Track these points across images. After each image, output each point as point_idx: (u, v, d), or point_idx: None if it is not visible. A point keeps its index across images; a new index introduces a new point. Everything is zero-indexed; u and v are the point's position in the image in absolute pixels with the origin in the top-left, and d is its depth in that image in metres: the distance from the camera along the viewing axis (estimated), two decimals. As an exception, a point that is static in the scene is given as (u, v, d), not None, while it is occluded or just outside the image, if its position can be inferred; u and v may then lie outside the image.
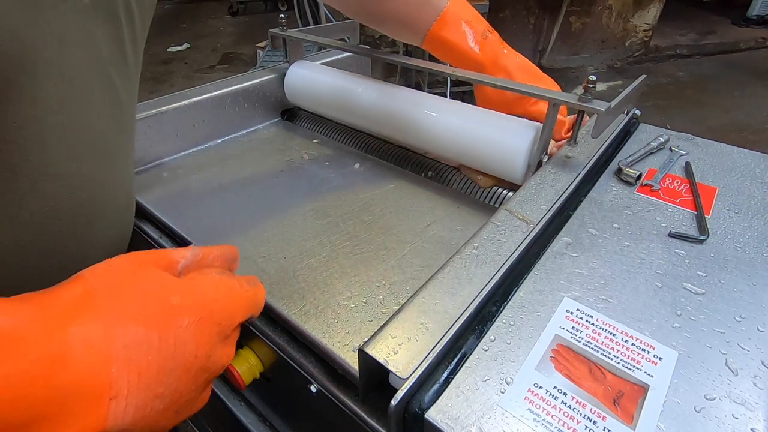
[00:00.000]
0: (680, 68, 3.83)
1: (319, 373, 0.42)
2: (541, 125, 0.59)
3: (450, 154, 0.66)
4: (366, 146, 0.77)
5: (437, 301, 0.35)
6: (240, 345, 0.57)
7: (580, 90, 0.55)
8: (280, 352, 0.45)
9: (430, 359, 0.31)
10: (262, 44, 3.71)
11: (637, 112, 0.68)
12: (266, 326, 0.47)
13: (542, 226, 0.44)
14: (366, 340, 0.32)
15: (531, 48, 3.67)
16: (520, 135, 0.58)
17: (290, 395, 0.52)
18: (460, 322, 0.33)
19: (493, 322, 0.35)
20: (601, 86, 3.59)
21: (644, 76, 0.67)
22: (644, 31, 3.77)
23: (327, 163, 0.72)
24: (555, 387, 0.30)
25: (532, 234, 0.42)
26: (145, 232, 0.62)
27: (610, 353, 0.33)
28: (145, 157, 0.71)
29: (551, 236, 0.44)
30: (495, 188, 0.64)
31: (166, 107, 0.71)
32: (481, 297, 0.35)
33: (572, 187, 0.50)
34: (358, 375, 0.36)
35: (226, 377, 0.64)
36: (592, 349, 0.33)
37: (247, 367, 0.51)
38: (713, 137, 0.62)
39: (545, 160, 0.58)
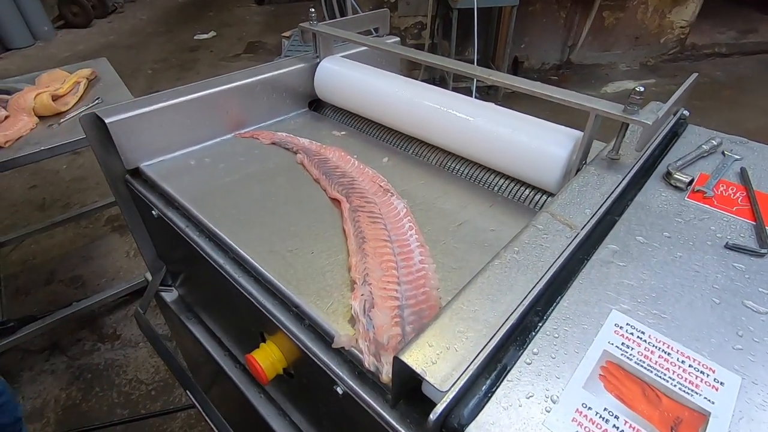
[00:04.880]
0: (718, 68, 3.66)
1: (346, 375, 0.41)
2: (580, 134, 0.56)
3: (484, 158, 0.63)
4: (395, 140, 0.75)
5: (477, 309, 0.33)
6: (263, 338, 0.56)
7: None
8: (306, 351, 0.44)
9: (471, 371, 0.29)
10: (287, 33, 3.69)
11: (686, 112, 0.64)
12: (292, 323, 0.46)
13: (587, 232, 0.41)
14: (402, 347, 0.31)
15: (560, 43, 3.56)
16: (560, 143, 0.55)
17: (314, 394, 0.51)
18: (502, 332, 0.31)
19: (536, 334, 0.33)
20: (632, 85, 3.47)
21: (695, 74, 0.63)
22: (681, 27, 3.62)
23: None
24: (605, 408, 0.28)
25: (577, 240, 0.40)
26: (172, 220, 0.62)
27: (665, 374, 0.30)
28: (173, 144, 0.71)
29: (596, 243, 0.42)
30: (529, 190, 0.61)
31: (196, 94, 0.70)
32: (524, 306, 0.33)
33: (618, 190, 0.47)
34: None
35: (249, 370, 0.63)
36: (645, 368, 0.31)
37: (271, 362, 0.50)
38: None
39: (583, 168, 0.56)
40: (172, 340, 1.48)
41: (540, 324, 0.34)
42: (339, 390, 0.41)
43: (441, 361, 0.29)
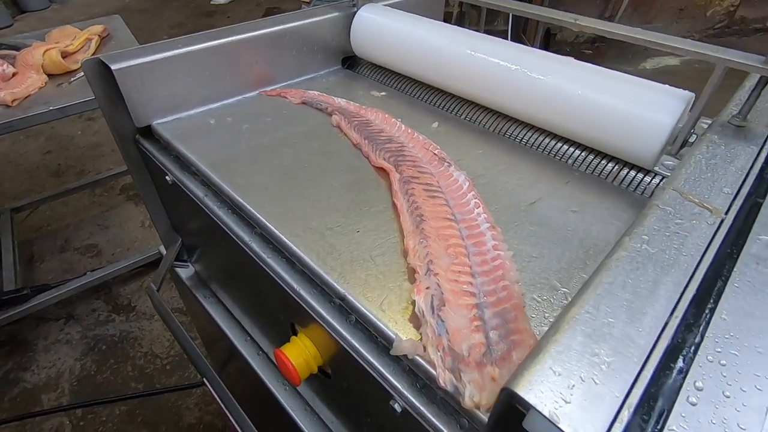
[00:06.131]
0: (768, 44, 3.40)
1: (406, 389, 0.32)
2: (692, 95, 0.45)
3: (560, 125, 0.52)
4: (444, 102, 0.64)
5: (611, 320, 0.24)
6: (293, 330, 0.48)
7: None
8: (353, 354, 0.35)
9: (626, 418, 0.19)
10: (307, -1, 3.53)
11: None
12: (335, 318, 0.37)
13: (733, 218, 0.31)
14: (512, 375, 0.21)
15: (597, 15, 3.32)
16: (664, 107, 0.44)
17: (358, 403, 0.42)
18: (656, 358, 0.22)
19: (694, 359, 0.24)
20: (674, 60, 3.24)
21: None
22: (731, -1, 3.34)
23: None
24: (831, 484, 0.19)
25: (724, 228, 0.30)
26: (188, 187, 0.53)
27: None
28: (190, 100, 0.61)
29: (743, 233, 0.32)
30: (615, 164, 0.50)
31: (216, 41, 0.60)
32: (678, 318, 0.24)
33: (757, 165, 0.36)
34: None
35: (278, 367, 0.55)
36: None
37: (305, 359, 0.42)
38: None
39: (693, 140, 0.45)
40: (188, 315, 1.43)
41: (697, 345, 0.24)
42: (396, 407, 0.32)
43: (578, 401, 0.20)
